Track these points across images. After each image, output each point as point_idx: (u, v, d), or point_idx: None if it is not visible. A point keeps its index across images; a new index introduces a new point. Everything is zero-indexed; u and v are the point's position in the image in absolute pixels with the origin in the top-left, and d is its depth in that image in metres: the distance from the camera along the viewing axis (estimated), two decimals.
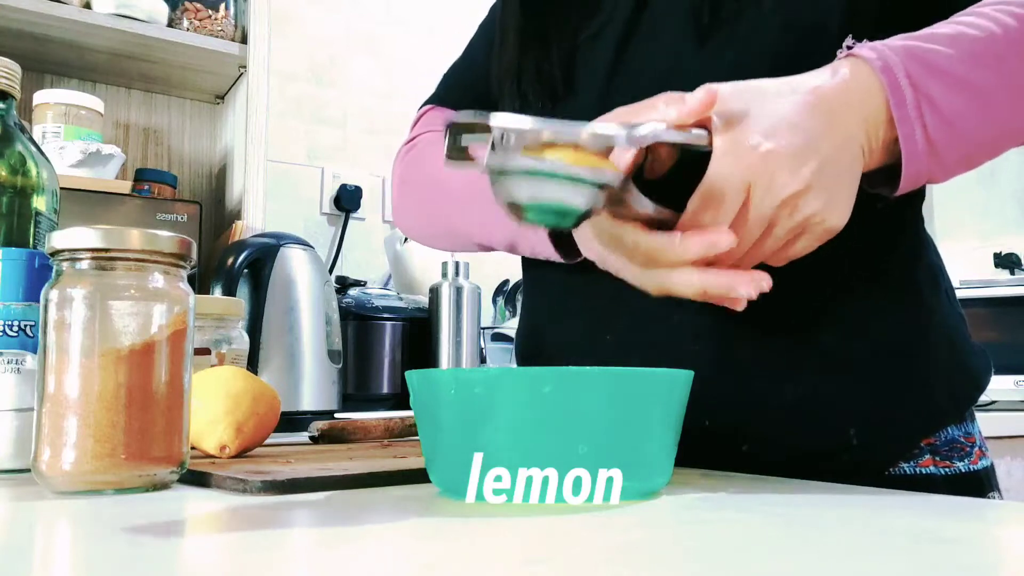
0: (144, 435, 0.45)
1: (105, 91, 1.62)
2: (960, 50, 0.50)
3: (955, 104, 0.49)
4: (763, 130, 0.46)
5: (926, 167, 0.50)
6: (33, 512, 0.40)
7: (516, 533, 0.33)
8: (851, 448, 0.58)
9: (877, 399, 0.59)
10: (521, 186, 0.44)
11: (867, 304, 0.60)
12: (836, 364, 0.59)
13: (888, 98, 0.48)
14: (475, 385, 0.40)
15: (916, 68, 0.49)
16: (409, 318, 1.54)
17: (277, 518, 0.37)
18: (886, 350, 0.59)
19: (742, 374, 0.59)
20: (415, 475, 0.48)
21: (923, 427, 0.60)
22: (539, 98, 0.66)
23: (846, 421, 0.58)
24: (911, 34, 0.51)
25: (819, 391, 0.58)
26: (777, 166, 0.46)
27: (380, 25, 1.99)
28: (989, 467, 0.63)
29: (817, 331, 0.59)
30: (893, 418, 0.59)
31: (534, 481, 0.39)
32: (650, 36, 0.63)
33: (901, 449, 0.59)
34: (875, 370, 0.59)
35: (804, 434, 0.59)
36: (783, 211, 0.47)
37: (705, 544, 0.31)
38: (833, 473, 0.56)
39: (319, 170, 1.86)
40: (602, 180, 0.44)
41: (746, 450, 0.59)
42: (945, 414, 0.61)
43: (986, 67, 0.50)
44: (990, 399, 1.89)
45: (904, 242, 0.63)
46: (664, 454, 0.42)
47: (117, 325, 0.45)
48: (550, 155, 0.43)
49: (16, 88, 0.67)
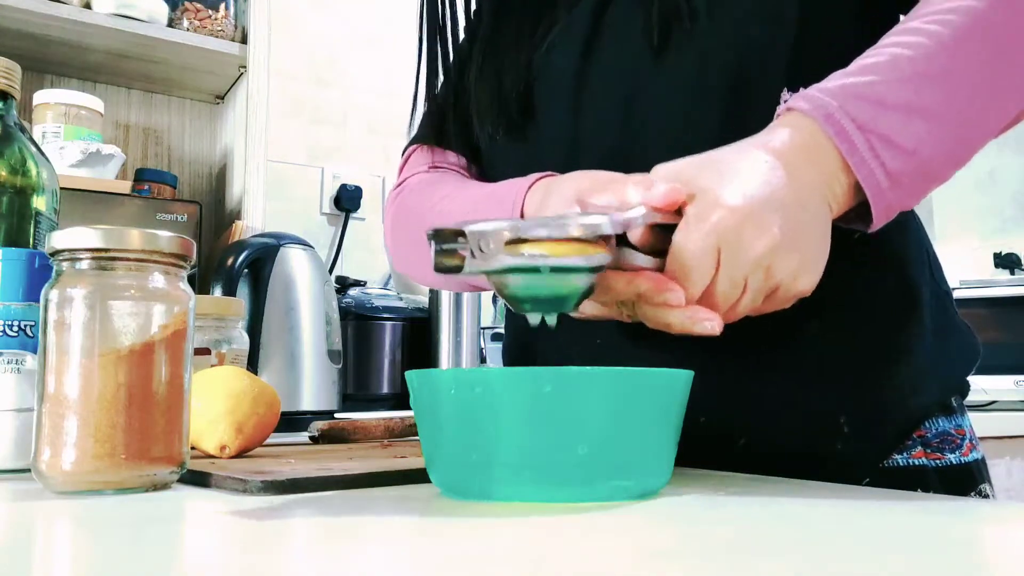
0: (144, 435, 0.45)
1: (105, 91, 1.62)
2: (900, 75, 0.49)
3: (909, 132, 0.49)
4: (726, 195, 0.46)
5: (896, 200, 0.49)
6: (33, 512, 0.40)
7: (516, 533, 0.33)
8: (843, 436, 0.59)
9: (867, 385, 0.59)
10: (515, 281, 0.44)
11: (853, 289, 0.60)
12: (823, 349, 0.59)
13: (838, 147, 0.48)
14: (475, 385, 0.40)
15: (859, 108, 0.48)
16: (409, 318, 1.54)
17: (277, 518, 0.37)
18: (874, 334, 0.60)
19: (733, 368, 0.60)
20: (415, 475, 0.48)
21: (914, 407, 0.60)
22: (501, 130, 0.68)
23: (838, 409, 0.59)
24: (847, 70, 0.51)
25: (809, 379, 0.59)
26: (743, 226, 0.45)
27: (380, 25, 1.99)
28: (980, 460, 0.64)
29: (804, 320, 0.59)
30: (883, 404, 0.60)
31: (534, 481, 0.39)
32: (610, 53, 0.63)
33: (895, 436, 0.60)
34: (864, 354, 0.60)
35: (798, 425, 0.59)
36: (756, 274, 0.46)
37: (705, 544, 0.31)
38: (831, 465, 0.57)
39: (319, 170, 1.86)
40: (593, 264, 0.44)
41: (743, 443, 0.60)
42: (935, 388, 0.61)
43: (932, 84, 0.49)
44: (990, 399, 1.89)
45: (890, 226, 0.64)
46: (664, 454, 0.42)
47: (117, 325, 0.45)
48: (533, 249, 0.43)
49: (16, 88, 0.67)
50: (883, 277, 0.61)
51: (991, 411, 1.81)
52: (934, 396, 0.62)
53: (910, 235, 0.64)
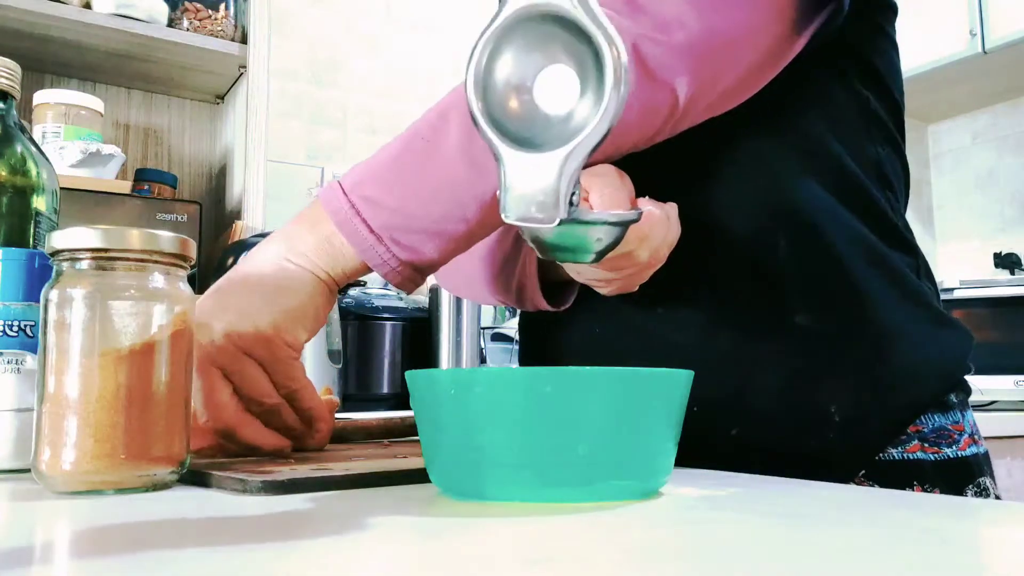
0: (144, 435, 0.45)
1: (105, 91, 1.62)
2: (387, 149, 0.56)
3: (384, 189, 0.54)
4: None
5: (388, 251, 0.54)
6: (33, 512, 0.40)
7: (516, 533, 0.33)
8: (836, 425, 0.60)
9: (858, 376, 0.60)
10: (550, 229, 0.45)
11: (845, 285, 0.62)
12: (814, 339, 0.60)
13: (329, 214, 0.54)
14: (475, 385, 0.40)
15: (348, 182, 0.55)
16: (409, 318, 1.54)
17: (277, 518, 0.37)
18: (865, 326, 0.61)
19: (726, 359, 0.61)
20: (415, 475, 0.48)
21: (907, 397, 0.61)
22: None
23: (829, 397, 0.60)
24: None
25: (800, 368, 0.61)
26: None
27: (380, 25, 1.99)
28: (981, 455, 0.64)
29: (796, 314, 0.61)
30: (875, 395, 0.60)
31: (534, 481, 0.39)
32: None
33: (890, 427, 0.61)
34: (854, 347, 0.61)
35: (790, 414, 0.60)
36: None
37: (705, 544, 0.31)
38: (823, 456, 0.58)
39: (319, 170, 1.86)
40: (629, 219, 0.46)
41: (735, 433, 0.61)
42: (929, 377, 0.62)
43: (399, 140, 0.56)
44: (990, 399, 1.89)
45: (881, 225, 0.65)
46: (664, 454, 0.42)
47: (117, 325, 0.45)
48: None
49: (16, 88, 0.67)
50: (872, 273, 0.62)
51: (991, 411, 1.81)
52: (930, 387, 0.62)
53: (897, 233, 0.65)
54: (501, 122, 0.41)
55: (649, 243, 0.55)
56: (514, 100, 0.41)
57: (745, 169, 0.63)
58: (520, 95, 0.41)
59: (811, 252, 0.61)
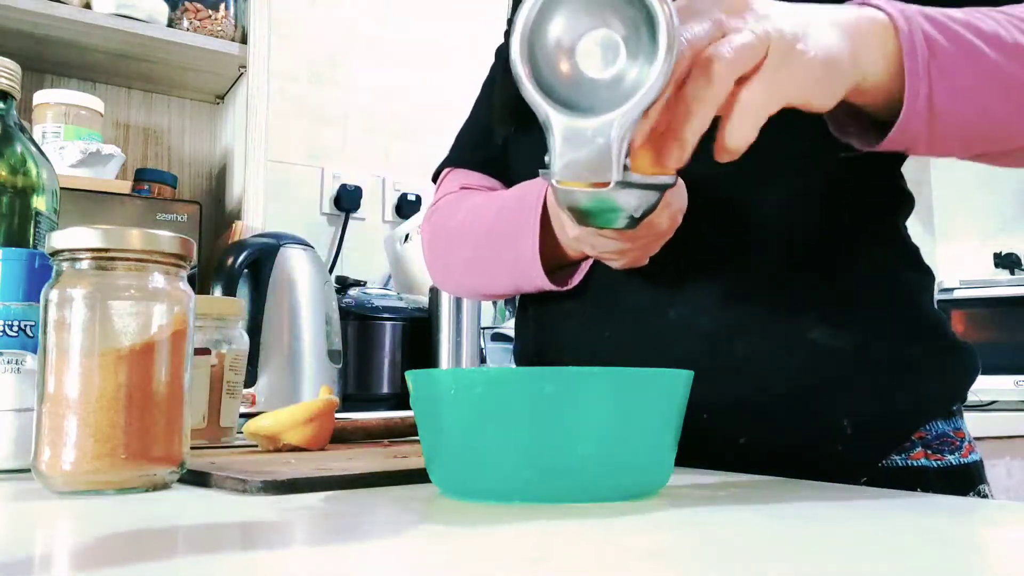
0: (144, 435, 0.45)
1: (105, 91, 1.62)
2: (973, 32, 0.49)
3: (963, 76, 0.48)
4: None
5: (924, 128, 0.48)
6: (33, 512, 0.40)
7: (516, 533, 0.33)
8: (846, 438, 0.60)
9: (870, 389, 0.60)
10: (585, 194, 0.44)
11: (857, 299, 0.62)
12: (828, 356, 0.60)
13: (901, 44, 0.47)
14: (475, 385, 0.40)
15: (932, 29, 0.48)
16: (409, 318, 1.54)
17: (277, 518, 0.37)
18: (877, 341, 0.61)
19: (737, 369, 0.61)
20: (415, 475, 0.48)
21: (915, 416, 0.61)
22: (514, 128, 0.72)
23: (840, 412, 0.60)
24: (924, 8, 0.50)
25: (813, 383, 0.60)
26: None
27: (380, 25, 1.99)
28: (978, 461, 0.64)
29: (809, 325, 0.60)
30: (885, 408, 0.60)
31: (534, 481, 0.39)
32: None
33: (895, 440, 0.61)
34: (866, 362, 0.61)
35: (800, 426, 0.60)
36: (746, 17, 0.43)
37: (705, 544, 0.31)
38: (830, 464, 0.57)
39: (319, 170, 1.86)
40: (667, 183, 0.44)
41: (743, 442, 0.61)
42: (936, 401, 0.62)
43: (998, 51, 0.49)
44: (990, 399, 1.89)
45: (891, 241, 0.65)
46: (664, 454, 0.42)
47: (117, 325, 0.45)
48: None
49: (16, 88, 0.67)
50: (887, 299, 0.62)
51: (991, 411, 1.81)
52: (936, 405, 0.62)
53: (910, 255, 0.66)
54: (550, 86, 0.41)
55: (669, 210, 0.54)
56: (564, 63, 0.41)
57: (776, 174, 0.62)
58: (569, 59, 0.41)
59: (828, 269, 0.61)
